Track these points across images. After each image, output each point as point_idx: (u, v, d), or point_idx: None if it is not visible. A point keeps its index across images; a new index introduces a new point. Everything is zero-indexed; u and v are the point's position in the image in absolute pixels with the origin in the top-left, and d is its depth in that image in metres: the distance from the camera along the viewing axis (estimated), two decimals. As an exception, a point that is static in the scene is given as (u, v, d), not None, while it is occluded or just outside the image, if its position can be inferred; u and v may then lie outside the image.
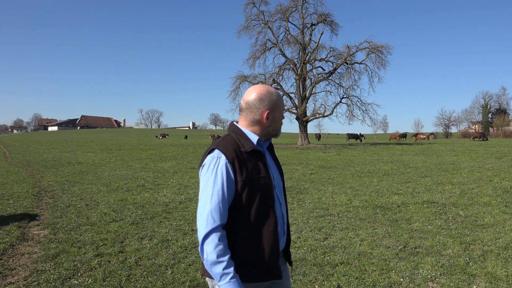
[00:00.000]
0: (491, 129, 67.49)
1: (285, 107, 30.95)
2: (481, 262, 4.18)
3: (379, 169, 13.08)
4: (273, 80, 31.61)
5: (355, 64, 31.27)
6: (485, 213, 6.45)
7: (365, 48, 30.63)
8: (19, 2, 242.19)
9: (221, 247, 1.56)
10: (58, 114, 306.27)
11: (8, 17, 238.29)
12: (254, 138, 1.75)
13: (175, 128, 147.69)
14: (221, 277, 1.55)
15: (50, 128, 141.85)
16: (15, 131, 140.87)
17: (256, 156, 1.71)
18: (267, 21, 32.05)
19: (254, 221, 1.67)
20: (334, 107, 31.64)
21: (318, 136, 55.49)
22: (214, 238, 1.57)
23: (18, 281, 3.75)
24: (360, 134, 49.75)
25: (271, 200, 1.71)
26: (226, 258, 1.56)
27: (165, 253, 4.58)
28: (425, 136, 52.21)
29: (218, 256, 1.55)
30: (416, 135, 56.82)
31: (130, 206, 7.26)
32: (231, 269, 1.56)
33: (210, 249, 1.57)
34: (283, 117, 1.85)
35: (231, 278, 1.54)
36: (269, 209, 1.70)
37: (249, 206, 1.65)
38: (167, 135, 64.80)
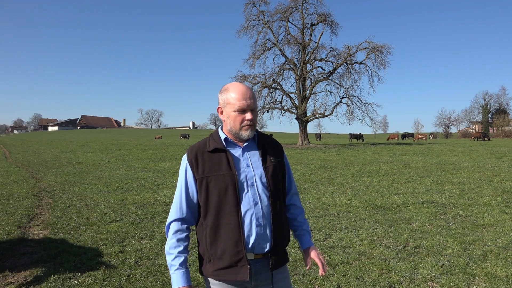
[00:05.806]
0: (491, 129, 67.48)
1: (285, 108, 31.66)
2: (481, 262, 4.19)
3: (379, 169, 13.08)
4: (273, 80, 31.59)
5: (355, 64, 31.28)
6: (485, 213, 6.46)
7: (365, 48, 30.64)
8: (19, 1, 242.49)
9: (173, 240, 1.73)
10: (58, 114, 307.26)
11: (8, 15, 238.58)
12: (222, 137, 1.78)
13: (175, 128, 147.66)
14: (170, 267, 1.72)
15: (50, 128, 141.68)
16: (15, 131, 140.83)
17: (219, 154, 1.73)
18: (267, 21, 32.04)
19: (215, 217, 1.69)
20: (334, 107, 31.65)
21: (318, 136, 55.53)
22: (170, 230, 1.76)
23: (18, 281, 3.75)
24: (360, 134, 49.83)
25: (233, 197, 1.67)
26: (175, 250, 1.71)
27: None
28: (423, 136, 52.28)
29: (169, 248, 1.73)
30: (412, 135, 56.83)
31: (130, 206, 7.26)
32: (177, 261, 1.69)
33: (167, 240, 1.77)
34: (240, 116, 1.71)
35: (175, 270, 1.69)
36: (230, 206, 1.67)
37: (208, 202, 1.71)
38: (189, 135, 58.25)
